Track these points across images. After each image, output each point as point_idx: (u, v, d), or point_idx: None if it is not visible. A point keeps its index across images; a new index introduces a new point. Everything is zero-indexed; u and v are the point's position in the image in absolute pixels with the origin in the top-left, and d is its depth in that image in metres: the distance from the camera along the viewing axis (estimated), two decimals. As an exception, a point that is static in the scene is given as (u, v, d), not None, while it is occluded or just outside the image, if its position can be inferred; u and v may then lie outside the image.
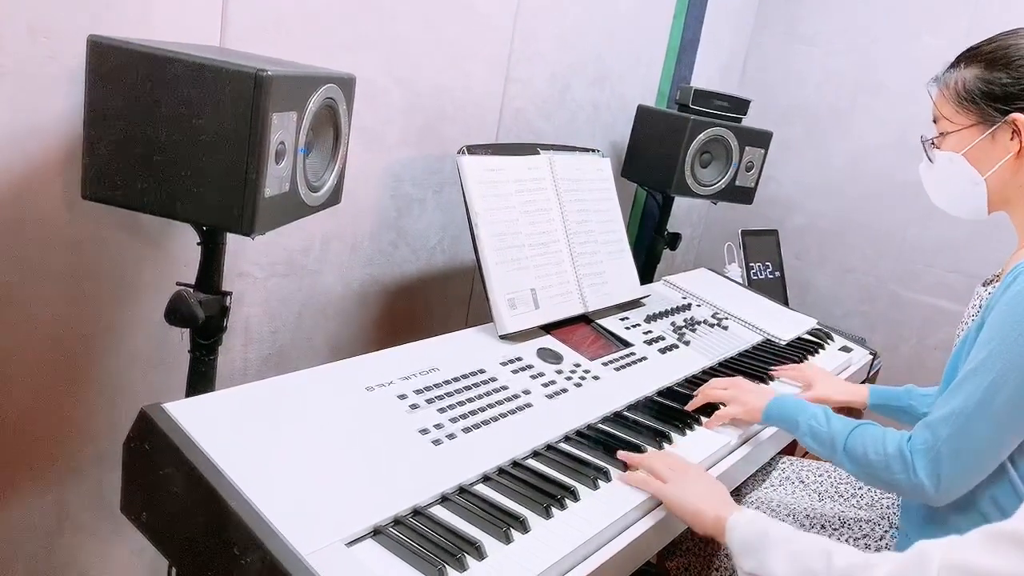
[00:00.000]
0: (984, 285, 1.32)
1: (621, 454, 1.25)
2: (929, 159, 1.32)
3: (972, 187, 1.26)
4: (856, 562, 0.87)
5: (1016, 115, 1.19)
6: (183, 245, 1.44)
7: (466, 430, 1.21)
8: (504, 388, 1.36)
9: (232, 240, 1.26)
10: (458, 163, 1.58)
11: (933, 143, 1.30)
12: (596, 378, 1.52)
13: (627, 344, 1.71)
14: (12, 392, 1.29)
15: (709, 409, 1.47)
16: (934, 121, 1.30)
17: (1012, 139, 1.21)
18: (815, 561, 0.91)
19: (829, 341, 2.08)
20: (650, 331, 1.80)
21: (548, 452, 1.24)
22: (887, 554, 0.85)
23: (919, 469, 1.15)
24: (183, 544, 0.98)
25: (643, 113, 2.37)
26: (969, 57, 1.25)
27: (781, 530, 1.00)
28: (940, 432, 1.15)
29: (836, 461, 1.28)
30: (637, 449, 1.29)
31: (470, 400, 1.29)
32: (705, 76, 2.87)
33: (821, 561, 0.90)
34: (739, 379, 1.52)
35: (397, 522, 0.99)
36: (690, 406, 1.48)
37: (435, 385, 1.30)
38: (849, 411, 1.68)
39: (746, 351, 1.88)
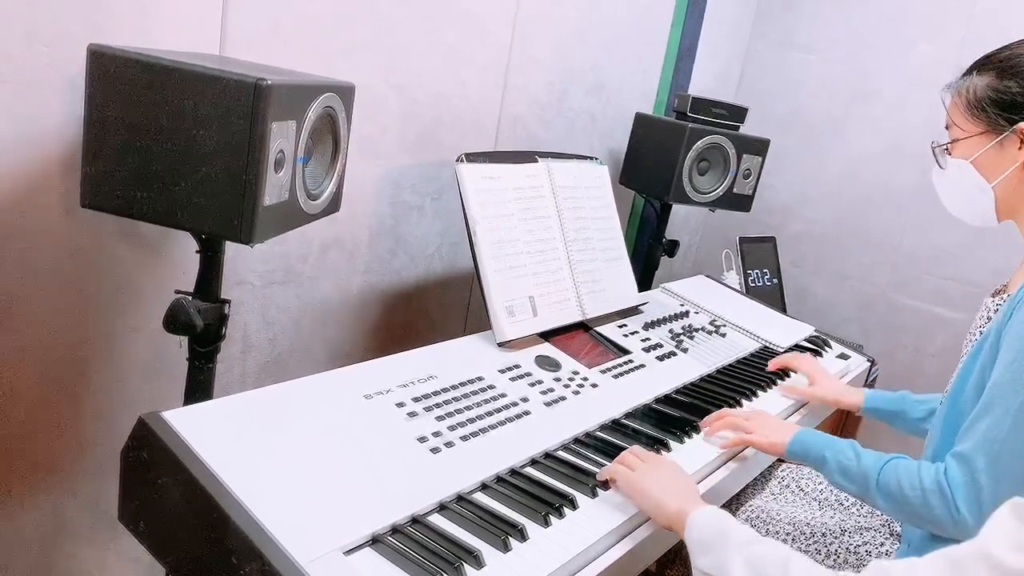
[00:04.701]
0: (992, 296, 1.32)
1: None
2: (940, 166, 1.33)
3: (979, 194, 1.26)
4: (814, 575, 0.87)
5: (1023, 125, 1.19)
6: (182, 253, 1.44)
7: (464, 438, 1.21)
8: (502, 396, 1.36)
9: (231, 248, 1.26)
10: (457, 171, 1.59)
11: (946, 149, 1.31)
12: (594, 386, 1.52)
13: (625, 351, 1.71)
14: (10, 400, 1.29)
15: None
16: (946, 128, 1.31)
17: (1020, 149, 1.21)
18: (772, 568, 0.90)
19: (827, 348, 2.08)
20: (648, 338, 1.81)
21: (546, 460, 1.24)
22: (846, 574, 0.86)
23: (961, 505, 1.09)
24: (181, 553, 0.97)
25: (641, 121, 2.38)
26: (982, 65, 1.25)
27: (742, 532, 0.99)
28: (976, 463, 1.09)
29: (868, 499, 1.22)
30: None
31: (468, 408, 1.29)
32: (702, 84, 2.88)
33: (778, 569, 0.89)
34: (762, 411, 1.49)
35: (395, 531, 0.99)
36: (705, 422, 1.45)
37: (433, 393, 1.30)
38: (845, 415, 1.69)
39: (744, 358, 1.88)
